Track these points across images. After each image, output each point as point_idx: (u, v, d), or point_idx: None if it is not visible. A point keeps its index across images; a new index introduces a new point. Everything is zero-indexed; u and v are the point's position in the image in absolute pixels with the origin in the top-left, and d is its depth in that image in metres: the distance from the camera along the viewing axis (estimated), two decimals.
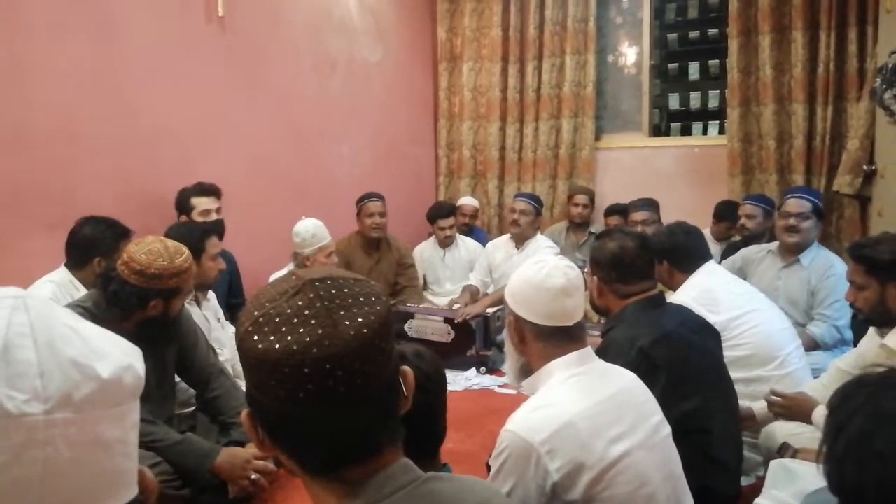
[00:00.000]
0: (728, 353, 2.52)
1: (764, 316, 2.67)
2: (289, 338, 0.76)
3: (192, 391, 2.61)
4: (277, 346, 0.76)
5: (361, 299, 0.80)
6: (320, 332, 0.76)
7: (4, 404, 0.51)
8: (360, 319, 0.78)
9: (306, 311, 0.78)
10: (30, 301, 0.56)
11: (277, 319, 0.78)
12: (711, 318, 2.49)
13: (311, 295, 0.79)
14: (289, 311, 0.78)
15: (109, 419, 0.57)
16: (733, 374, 2.52)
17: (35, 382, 0.53)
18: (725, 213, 4.52)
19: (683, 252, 2.78)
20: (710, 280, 2.72)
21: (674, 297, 2.69)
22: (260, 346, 0.77)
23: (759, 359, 2.59)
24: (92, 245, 2.75)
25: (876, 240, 2.28)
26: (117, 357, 0.58)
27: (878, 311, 2.19)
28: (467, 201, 5.35)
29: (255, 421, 0.83)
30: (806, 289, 3.39)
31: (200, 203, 3.43)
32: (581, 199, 5.05)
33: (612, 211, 4.87)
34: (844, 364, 2.39)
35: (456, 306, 4.29)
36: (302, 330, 0.76)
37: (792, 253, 3.46)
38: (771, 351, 2.61)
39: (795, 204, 3.46)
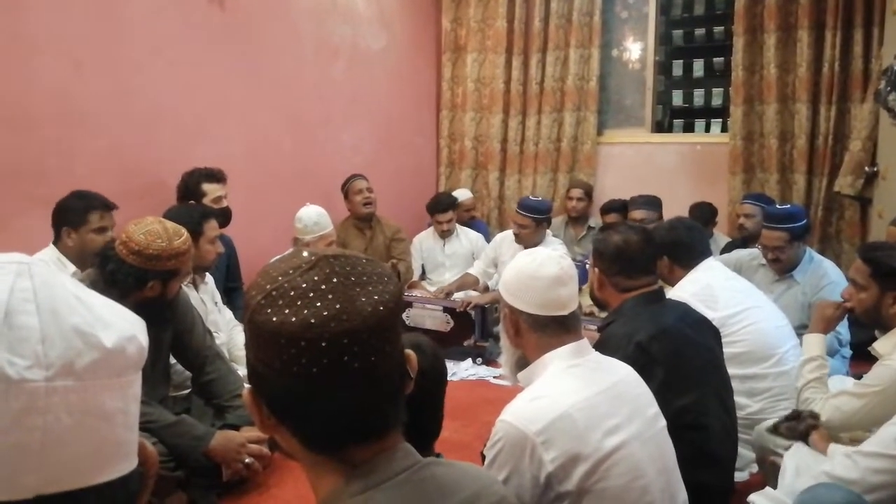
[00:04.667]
0: (724, 350, 2.54)
1: (761, 313, 2.67)
2: (305, 311, 0.75)
3: (188, 373, 2.61)
4: (294, 318, 0.75)
5: (375, 277, 0.80)
6: (338, 306, 0.76)
7: (5, 369, 0.50)
8: (375, 297, 0.78)
9: (323, 286, 0.77)
10: (34, 268, 0.56)
11: (293, 293, 0.77)
12: (709, 315, 2.48)
13: (328, 270, 0.79)
14: (304, 285, 0.77)
15: (111, 389, 0.56)
16: (737, 371, 2.51)
17: (37, 348, 0.52)
18: (700, 216, 4.50)
19: (685, 247, 2.77)
20: (708, 276, 2.72)
21: (672, 293, 2.68)
22: (275, 319, 0.76)
23: (756, 356, 2.59)
24: (60, 215, 2.77)
25: (890, 245, 2.28)
26: (121, 327, 0.58)
27: (870, 315, 2.20)
28: (463, 195, 5.30)
29: (258, 399, 0.82)
30: (800, 302, 3.30)
31: (212, 189, 3.40)
32: (576, 192, 5.03)
33: (609, 208, 4.78)
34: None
35: (458, 296, 4.28)
36: (319, 304, 0.76)
37: (783, 272, 3.40)
38: (767, 349, 2.61)
39: (770, 237, 3.32)
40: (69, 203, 2.78)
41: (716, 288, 2.66)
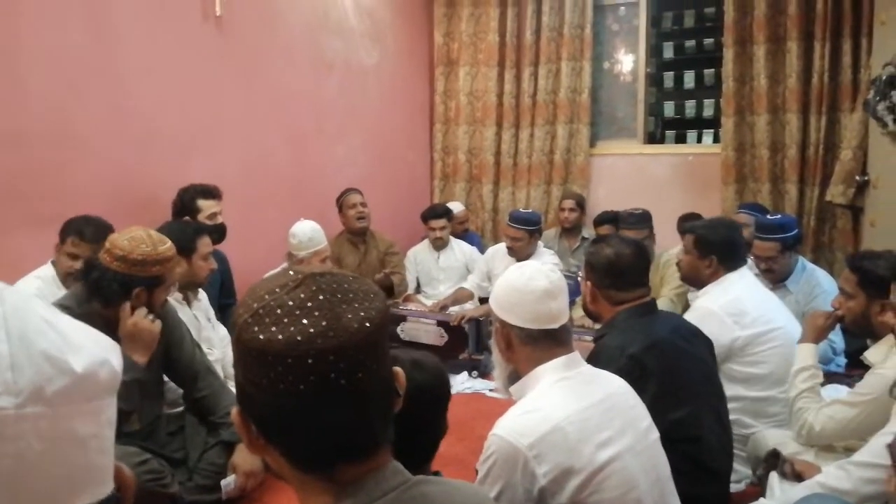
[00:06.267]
0: (744, 370, 2.51)
1: (787, 336, 2.53)
2: (292, 328, 0.76)
3: (181, 390, 2.60)
4: (280, 336, 0.75)
5: (361, 295, 0.81)
6: (324, 323, 0.76)
7: None
8: (361, 314, 0.78)
9: (309, 303, 0.77)
10: (5, 293, 0.55)
11: (279, 311, 0.77)
12: (736, 332, 2.48)
13: (314, 288, 0.79)
14: (290, 302, 0.78)
15: (83, 414, 0.56)
16: (744, 392, 2.51)
17: (6, 375, 0.52)
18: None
19: (736, 249, 2.67)
20: (739, 288, 2.60)
21: (700, 302, 2.64)
22: (261, 337, 0.76)
23: (775, 379, 2.50)
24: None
25: (877, 254, 2.28)
26: (93, 351, 0.57)
27: (859, 324, 2.21)
28: (456, 207, 5.32)
29: (247, 418, 0.82)
30: (793, 311, 3.29)
31: (207, 206, 3.40)
32: (568, 203, 5.04)
33: (602, 220, 4.76)
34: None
35: (453, 310, 4.28)
36: (305, 321, 0.76)
37: (776, 281, 3.38)
38: (787, 373, 2.44)
39: (762, 247, 3.31)
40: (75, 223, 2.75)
41: (746, 302, 2.56)
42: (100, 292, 2.15)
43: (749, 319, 2.51)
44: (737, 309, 2.52)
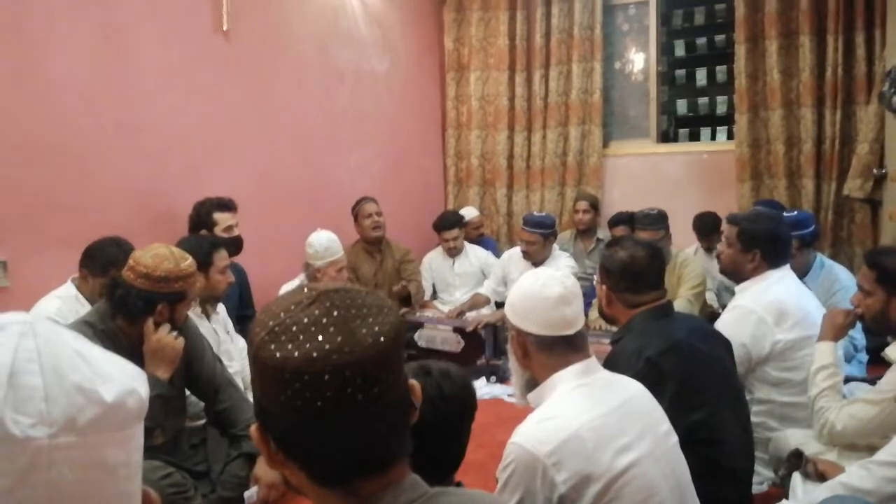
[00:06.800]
0: (780, 374, 2.47)
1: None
2: (307, 345, 0.77)
3: (203, 404, 2.62)
4: (296, 353, 0.77)
5: (375, 309, 0.82)
6: (339, 339, 0.77)
7: (10, 428, 0.52)
8: (376, 328, 0.79)
9: (324, 320, 0.79)
10: (38, 327, 0.57)
11: (294, 328, 0.78)
12: (777, 335, 2.43)
13: (328, 304, 0.80)
14: (306, 319, 0.79)
15: (113, 442, 0.58)
16: (775, 396, 2.47)
17: (41, 407, 0.54)
18: (704, 226, 4.47)
19: (782, 244, 2.59)
20: (780, 289, 2.52)
21: (738, 300, 2.57)
22: (278, 355, 0.77)
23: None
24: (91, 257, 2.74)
25: (895, 250, 2.26)
26: (121, 381, 0.59)
27: (878, 321, 2.18)
28: (470, 213, 5.33)
29: (265, 434, 0.83)
30: None
31: (223, 219, 3.44)
32: (581, 205, 5.02)
33: (617, 221, 4.72)
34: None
35: (470, 315, 4.28)
36: (321, 337, 0.77)
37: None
38: None
39: None
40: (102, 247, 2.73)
41: (787, 304, 2.47)
42: (124, 309, 2.19)
43: (790, 323, 2.44)
44: (778, 311, 2.45)
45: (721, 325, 2.48)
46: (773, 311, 2.45)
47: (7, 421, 0.52)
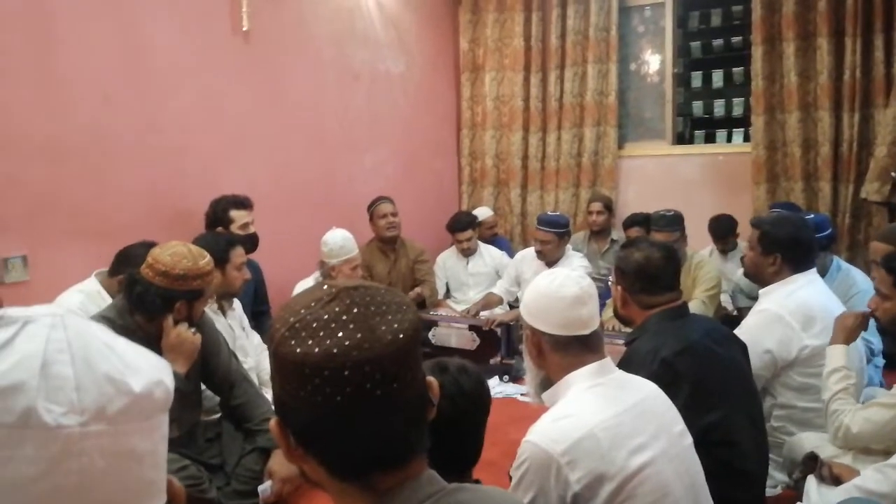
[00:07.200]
0: (804, 380, 2.44)
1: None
2: (328, 341, 0.78)
3: (218, 398, 2.65)
4: (317, 349, 0.78)
5: (394, 307, 0.83)
6: (359, 335, 0.78)
7: (43, 416, 0.54)
8: (395, 325, 0.81)
9: (344, 316, 0.80)
10: (68, 319, 0.59)
11: (315, 324, 0.80)
12: (805, 340, 2.40)
13: (348, 301, 0.81)
14: (326, 316, 0.80)
15: (140, 432, 0.59)
16: (796, 401, 2.45)
17: (72, 396, 0.55)
18: (720, 229, 4.44)
19: (804, 248, 2.57)
20: (807, 293, 2.49)
21: (762, 304, 2.54)
22: (298, 351, 0.78)
23: None
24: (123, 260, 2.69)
25: None
26: (149, 372, 0.61)
27: None
28: (483, 213, 5.33)
29: (285, 429, 0.84)
30: None
31: (239, 216, 3.47)
32: (595, 206, 5.00)
33: (632, 222, 4.64)
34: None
35: (483, 314, 4.29)
36: (341, 334, 0.78)
37: None
38: None
39: None
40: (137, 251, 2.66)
41: (815, 308, 2.45)
42: (143, 307, 2.22)
43: (818, 328, 2.40)
44: (805, 316, 2.42)
45: (745, 329, 2.46)
46: (800, 315, 2.43)
47: (40, 409, 0.54)
